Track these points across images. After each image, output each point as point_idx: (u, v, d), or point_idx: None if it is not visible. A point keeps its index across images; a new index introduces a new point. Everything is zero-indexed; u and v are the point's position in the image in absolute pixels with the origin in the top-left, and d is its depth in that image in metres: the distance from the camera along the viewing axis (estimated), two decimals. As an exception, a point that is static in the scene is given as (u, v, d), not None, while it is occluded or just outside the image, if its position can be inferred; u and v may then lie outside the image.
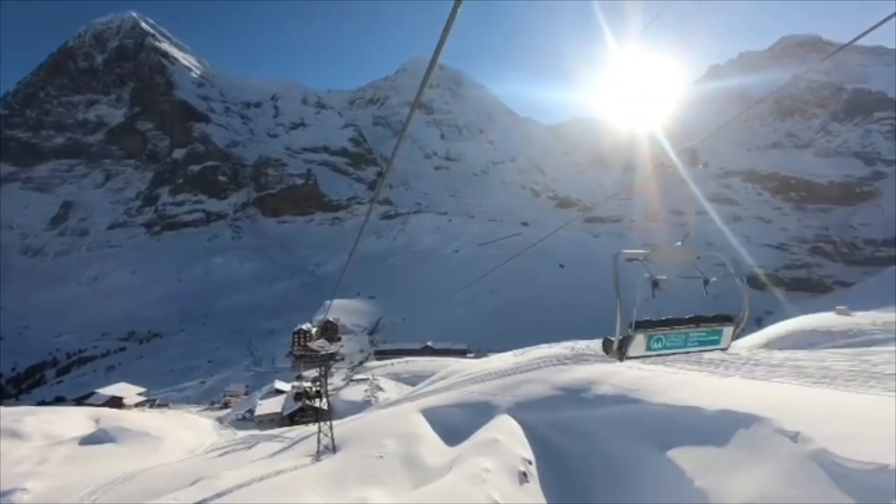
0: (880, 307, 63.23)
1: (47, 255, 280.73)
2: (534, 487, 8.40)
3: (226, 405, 50.10)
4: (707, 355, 12.38)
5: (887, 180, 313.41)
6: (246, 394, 57.68)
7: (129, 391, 51.16)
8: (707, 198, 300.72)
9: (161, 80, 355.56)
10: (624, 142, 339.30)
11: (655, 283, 3.74)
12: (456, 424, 10.79)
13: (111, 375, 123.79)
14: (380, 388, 30.39)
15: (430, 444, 9.77)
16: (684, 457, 7.08)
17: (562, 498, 8.19)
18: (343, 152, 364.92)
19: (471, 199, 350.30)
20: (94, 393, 49.52)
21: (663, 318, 4.05)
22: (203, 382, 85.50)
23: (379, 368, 44.29)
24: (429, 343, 73.67)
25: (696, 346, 4.52)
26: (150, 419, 26.37)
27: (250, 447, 16.81)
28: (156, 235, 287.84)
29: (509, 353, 22.83)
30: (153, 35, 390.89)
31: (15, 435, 18.94)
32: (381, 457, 8.83)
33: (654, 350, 4.12)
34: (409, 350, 69.40)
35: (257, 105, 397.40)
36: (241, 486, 8.29)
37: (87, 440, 19.87)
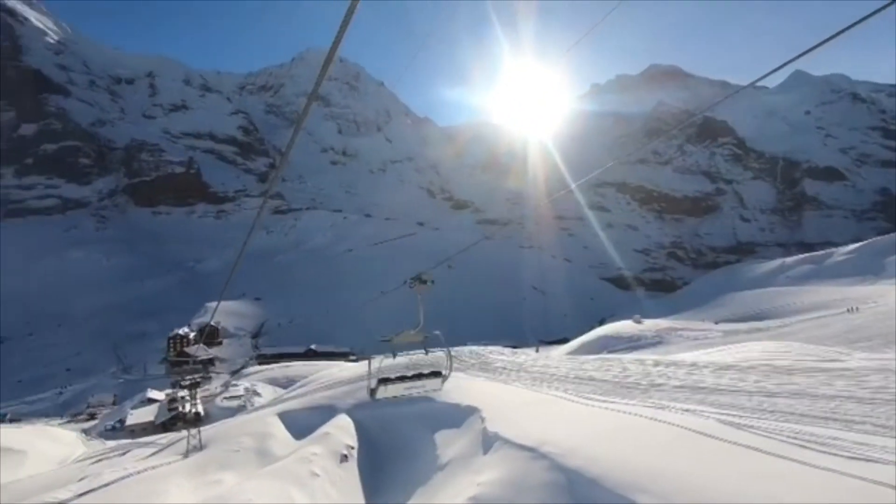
0: (699, 305, 77.81)
1: None
2: (351, 465, 12.08)
3: (92, 416, 47.52)
4: (497, 365, 17.07)
5: (726, 196, 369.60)
6: (114, 403, 54.65)
7: None
8: (585, 205, 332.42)
9: (5, 43, 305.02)
10: (516, 148, 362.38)
11: (379, 385, 7.99)
12: (304, 424, 14.11)
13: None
14: (256, 394, 32.15)
15: (280, 439, 12.99)
16: (440, 436, 11.20)
17: (369, 469, 12.01)
18: (231, 141, 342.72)
19: (367, 196, 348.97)
20: None
21: (398, 376, 8.45)
22: (60, 393, 77.47)
23: (256, 374, 45.32)
24: (312, 346, 74.65)
25: (421, 388, 8.85)
26: (7, 434, 25.78)
27: (123, 453, 18.48)
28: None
29: (356, 365, 26.97)
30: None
31: None
32: (238, 450, 11.86)
33: (392, 393, 8.53)
34: (293, 354, 70.05)
35: (130, 81, 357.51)
36: (123, 478, 10.81)
37: (-57, 459, 19.69)
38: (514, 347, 42.99)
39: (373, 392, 8.18)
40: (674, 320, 42.99)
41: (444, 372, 8.32)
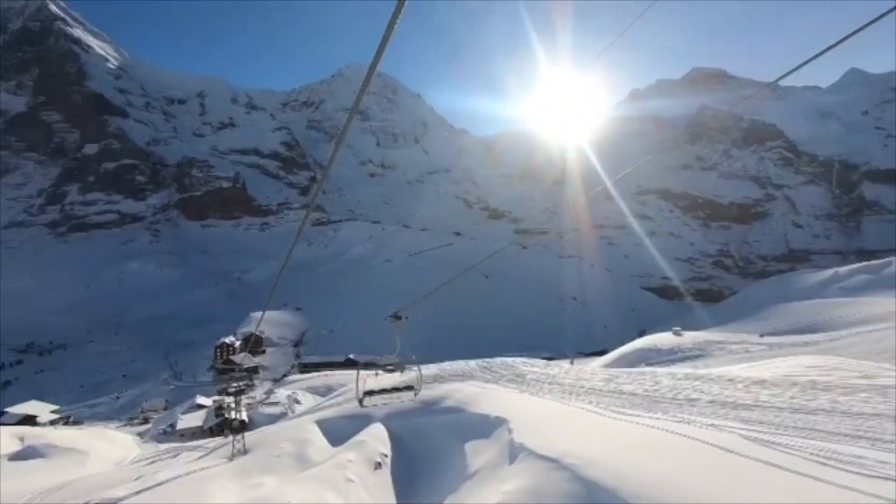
0: (745, 317, 74.47)
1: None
2: (384, 472, 12.53)
3: (146, 420, 50.37)
4: (529, 377, 17.23)
5: (776, 202, 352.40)
6: (166, 408, 57.67)
7: (41, 409, 50.19)
8: (626, 213, 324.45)
9: (72, 69, 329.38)
10: (553, 156, 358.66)
11: (365, 395, 10.05)
12: (340, 431, 14.71)
13: (8, 392, 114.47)
14: (297, 402, 33.30)
15: (317, 446, 13.61)
16: (469, 445, 11.51)
17: (402, 476, 12.42)
18: (274, 155, 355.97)
19: (405, 207, 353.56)
20: (4, 412, 48.21)
21: (379, 389, 10.53)
22: (117, 398, 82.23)
23: (297, 382, 46.91)
24: (351, 356, 76.30)
25: (397, 399, 11.19)
26: (72, 435, 27.78)
27: (175, 456, 19.62)
28: (61, 237, 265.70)
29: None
30: (63, 19, 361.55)
31: (-58, 454, 20.41)
32: (279, 456, 12.54)
33: (375, 402, 10.52)
34: (333, 363, 71.85)
35: (182, 102, 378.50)
36: (174, 478, 11.67)
37: (16, 456, 21.49)
38: (551, 359, 42.69)
39: (361, 401, 10.44)
40: (716, 332, 41.26)
41: (415, 386, 10.55)
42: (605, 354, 46.28)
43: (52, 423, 46.72)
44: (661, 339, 34.45)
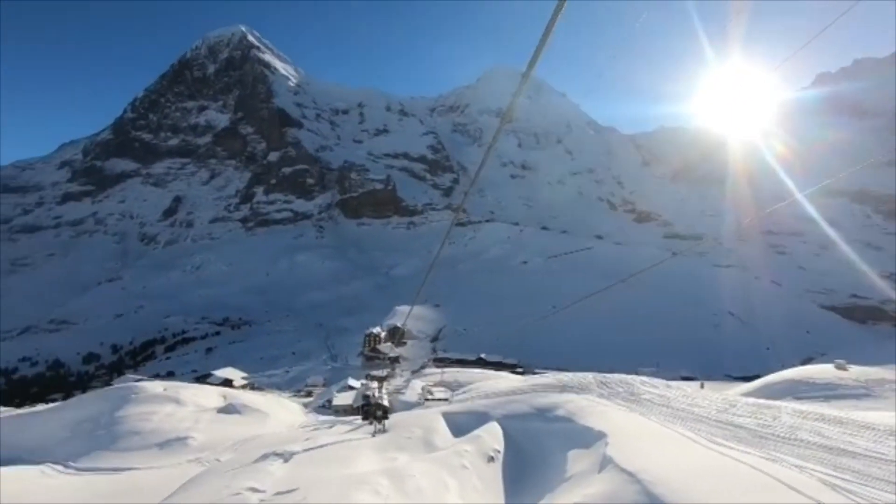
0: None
1: (159, 243, 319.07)
2: (496, 465, 14.34)
3: (309, 394, 59.46)
4: (644, 397, 17.44)
5: None
6: (324, 385, 67.16)
7: (235, 374, 63.30)
8: (807, 218, 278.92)
9: (262, 89, 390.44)
10: (716, 154, 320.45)
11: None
12: (462, 425, 16.88)
13: (210, 357, 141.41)
14: (430, 393, 36.85)
15: (441, 434, 15.93)
16: (572, 453, 12.74)
17: (511, 471, 14.13)
18: (422, 159, 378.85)
19: (545, 209, 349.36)
20: (211, 374, 62.00)
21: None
22: (287, 372, 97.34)
23: (433, 375, 51.27)
24: (482, 355, 79.49)
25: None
26: (258, 399, 34.78)
27: (330, 427, 23.87)
28: (250, 231, 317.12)
29: (518, 378, 29.12)
30: (258, 47, 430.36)
31: (177, 402, 27.68)
32: (410, 437, 15.11)
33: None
34: (464, 360, 75.82)
35: (345, 112, 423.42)
36: (332, 443, 15.00)
37: (223, 410, 28.20)
38: (690, 379, 40.26)
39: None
40: (898, 370, 34.49)
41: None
42: (754, 381, 42.07)
43: (243, 387, 57.80)
44: (818, 371, 30.35)
